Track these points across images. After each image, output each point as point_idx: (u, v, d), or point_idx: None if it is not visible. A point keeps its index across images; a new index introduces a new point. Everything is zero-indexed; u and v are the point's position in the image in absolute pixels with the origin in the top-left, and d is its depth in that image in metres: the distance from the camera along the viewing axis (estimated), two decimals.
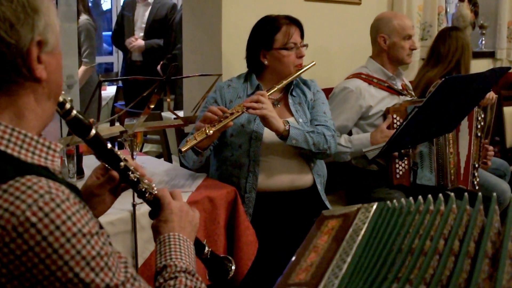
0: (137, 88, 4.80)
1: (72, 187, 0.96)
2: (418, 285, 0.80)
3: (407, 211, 0.99)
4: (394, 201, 1.05)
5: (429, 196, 0.99)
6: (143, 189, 1.27)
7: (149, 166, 2.44)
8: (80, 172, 2.22)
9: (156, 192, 1.29)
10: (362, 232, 0.99)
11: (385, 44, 2.87)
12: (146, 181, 1.28)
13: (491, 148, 3.04)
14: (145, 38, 5.08)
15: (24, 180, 0.85)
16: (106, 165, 1.25)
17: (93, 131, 1.16)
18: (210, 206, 2.07)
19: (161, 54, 5.04)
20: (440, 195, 0.98)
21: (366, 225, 1.01)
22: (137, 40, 5.10)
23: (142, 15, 5.16)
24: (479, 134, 2.84)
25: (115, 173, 1.24)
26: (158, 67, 4.94)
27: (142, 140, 2.21)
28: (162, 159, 3.44)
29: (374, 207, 1.05)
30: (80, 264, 0.86)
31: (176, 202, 1.28)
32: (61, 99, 1.06)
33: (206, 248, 1.40)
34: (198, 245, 1.37)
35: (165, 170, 2.40)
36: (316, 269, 0.95)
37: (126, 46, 5.16)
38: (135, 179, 1.26)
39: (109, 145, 1.22)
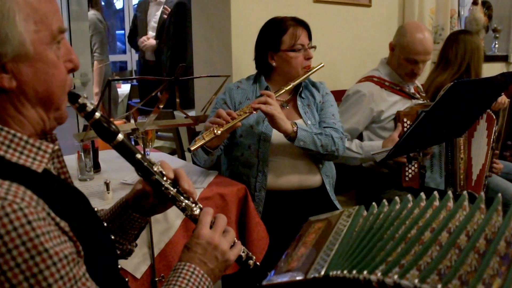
0: (151, 87, 4.89)
1: (63, 192, 0.94)
2: (410, 269, 0.84)
3: (402, 207, 1.04)
4: (384, 201, 1.11)
5: (435, 192, 1.03)
6: (180, 208, 1.19)
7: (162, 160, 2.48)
8: (96, 167, 2.28)
9: (196, 212, 1.19)
10: (346, 227, 1.07)
11: (392, 51, 2.88)
12: (186, 199, 1.19)
13: (500, 165, 3.03)
14: (157, 37, 5.12)
15: None
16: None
17: (120, 137, 1.12)
18: (221, 202, 2.10)
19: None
20: (449, 192, 1.00)
21: (350, 221, 1.08)
22: (149, 40, 5.15)
23: (154, 15, 5.20)
24: (492, 144, 2.83)
25: (148, 187, 1.20)
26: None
27: (154, 137, 2.27)
28: (176, 156, 3.49)
29: (356, 208, 1.13)
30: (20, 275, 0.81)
31: (209, 232, 1.16)
32: (81, 101, 1.06)
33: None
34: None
35: (177, 167, 2.43)
36: (306, 258, 1.03)
37: (139, 46, 5.23)
38: (170, 196, 1.18)
39: (139, 156, 1.15)
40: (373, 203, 1.12)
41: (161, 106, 2.00)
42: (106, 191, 1.93)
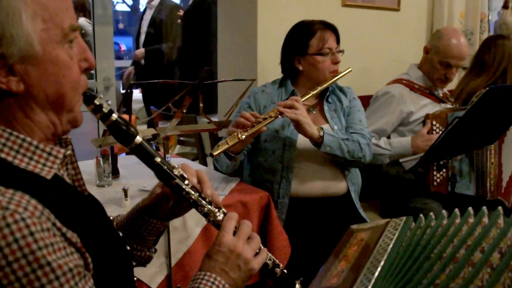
0: (156, 91, 4.87)
1: (74, 200, 0.90)
2: None
3: (450, 222, 0.96)
4: (431, 214, 1.03)
5: (484, 208, 0.95)
6: (203, 213, 1.13)
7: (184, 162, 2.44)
8: (115, 172, 2.24)
9: (219, 218, 1.13)
10: (393, 241, 0.98)
11: (427, 55, 2.85)
12: (208, 203, 1.13)
13: None
14: (144, 42, 5.14)
15: None
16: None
17: (138, 139, 1.06)
18: (243, 210, 2.06)
19: (162, 58, 5.09)
20: (484, 208, 0.93)
21: (396, 235, 0.99)
22: (139, 50, 5.21)
23: (147, 19, 5.23)
24: None
25: (169, 190, 1.16)
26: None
27: (175, 143, 2.21)
28: (197, 161, 3.45)
29: (403, 220, 1.05)
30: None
31: (232, 239, 1.09)
32: (97, 102, 1.00)
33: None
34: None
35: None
36: (347, 274, 0.96)
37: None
38: (191, 201, 1.12)
39: (158, 159, 1.09)
40: (421, 215, 1.05)
41: (184, 111, 1.94)
42: (124, 197, 1.90)
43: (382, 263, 0.93)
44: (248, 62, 3.04)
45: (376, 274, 0.91)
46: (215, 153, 2.03)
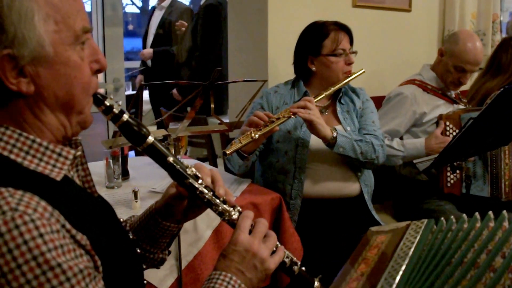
0: (165, 92, 4.83)
1: (84, 200, 0.89)
2: None
3: (471, 226, 0.93)
4: (452, 217, 1.00)
5: (504, 212, 0.93)
6: (217, 212, 1.11)
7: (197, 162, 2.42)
8: (125, 174, 2.23)
9: (234, 217, 1.11)
10: (414, 245, 0.95)
11: (441, 57, 2.82)
12: (222, 202, 1.11)
13: None
14: (153, 42, 5.12)
15: None
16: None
17: (150, 139, 1.05)
18: (254, 212, 1.96)
19: (171, 59, 5.07)
20: (504, 212, 0.92)
21: (417, 238, 0.97)
22: (146, 50, 5.18)
23: (156, 20, 5.20)
24: None
25: (183, 190, 1.14)
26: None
27: (186, 144, 2.19)
28: (207, 162, 3.43)
29: (425, 223, 1.02)
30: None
31: (247, 238, 1.06)
32: (108, 103, 1.00)
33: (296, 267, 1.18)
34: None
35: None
36: (367, 278, 0.93)
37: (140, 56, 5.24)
38: (205, 200, 1.10)
39: (171, 158, 1.08)
40: (442, 218, 1.03)
41: (195, 112, 1.92)
42: (134, 199, 1.88)
43: (403, 267, 0.90)
44: (259, 63, 3.03)
45: (398, 279, 0.88)
46: (228, 152, 2.02)
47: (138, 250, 1.22)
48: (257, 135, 2.03)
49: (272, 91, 2.42)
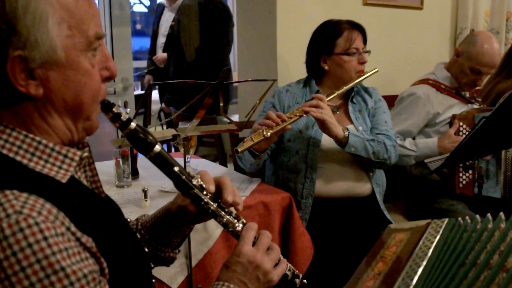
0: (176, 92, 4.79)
1: (93, 202, 0.89)
2: None
3: (483, 227, 0.92)
4: (467, 218, 0.99)
5: (501, 213, 0.93)
6: (222, 223, 1.10)
7: (203, 169, 2.41)
8: (134, 173, 2.22)
9: (238, 228, 1.10)
10: (433, 245, 0.94)
11: (457, 58, 2.77)
12: (227, 214, 1.11)
13: None
14: (165, 45, 5.07)
15: (0, 195, 0.78)
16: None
17: (157, 148, 1.05)
18: (264, 211, 2.03)
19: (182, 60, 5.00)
20: None
21: (437, 238, 0.96)
22: (160, 54, 5.12)
23: (166, 20, 5.17)
24: None
25: (189, 204, 1.14)
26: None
27: (196, 143, 2.19)
28: (217, 162, 3.43)
29: (446, 222, 1.00)
30: None
31: (251, 250, 1.06)
32: (115, 110, 0.99)
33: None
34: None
35: (219, 174, 2.36)
36: (384, 277, 0.92)
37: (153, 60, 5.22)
38: (210, 211, 1.10)
39: (177, 168, 1.07)
40: (459, 218, 1.01)
41: (204, 111, 1.91)
42: (143, 198, 1.88)
43: (421, 268, 0.89)
44: (268, 61, 3.02)
45: (415, 279, 0.87)
46: (240, 149, 2.01)
47: (147, 249, 1.22)
48: (269, 133, 2.02)
49: (284, 90, 2.41)
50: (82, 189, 0.94)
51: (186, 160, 2.38)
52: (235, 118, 3.57)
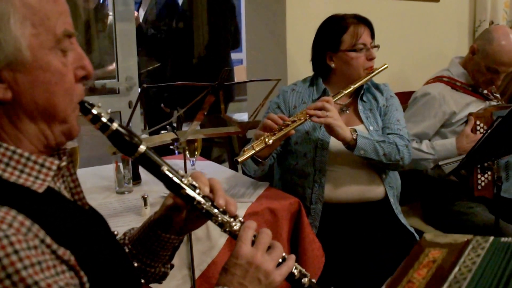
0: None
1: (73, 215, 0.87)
2: None
3: None
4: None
5: None
6: (217, 223, 1.06)
7: (209, 172, 2.35)
8: (136, 178, 2.15)
9: (235, 228, 1.05)
10: (476, 267, 0.82)
11: (472, 55, 2.66)
12: (222, 213, 1.06)
13: None
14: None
15: None
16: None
17: (142, 148, 1.00)
18: (271, 218, 1.97)
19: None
20: None
21: (479, 261, 0.83)
22: None
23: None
24: None
25: (180, 201, 1.09)
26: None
27: (200, 146, 2.12)
28: (227, 164, 3.36)
29: (490, 240, 0.88)
30: None
31: (249, 251, 1.02)
32: (95, 111, 0.95)
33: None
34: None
35: (225, 178, 2.32)
36: None
37: None
38: (204, 211, 1.05)
39: (165, 168, 1.03)
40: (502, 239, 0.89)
41: (205, 113, 1.85)
42: (143, 205, 1.81)
43: None
44: (277, 59, 2.98)
45: None
46: (240, 159, 1.94)
47: (136, 264, 1.18)
48: (271, 141, 1.94)
49: (289, 89, 2.33)
50: (61, 200, 0.91)
51: (191, 163, 2.31)
52: (244, 116, 3.51)
